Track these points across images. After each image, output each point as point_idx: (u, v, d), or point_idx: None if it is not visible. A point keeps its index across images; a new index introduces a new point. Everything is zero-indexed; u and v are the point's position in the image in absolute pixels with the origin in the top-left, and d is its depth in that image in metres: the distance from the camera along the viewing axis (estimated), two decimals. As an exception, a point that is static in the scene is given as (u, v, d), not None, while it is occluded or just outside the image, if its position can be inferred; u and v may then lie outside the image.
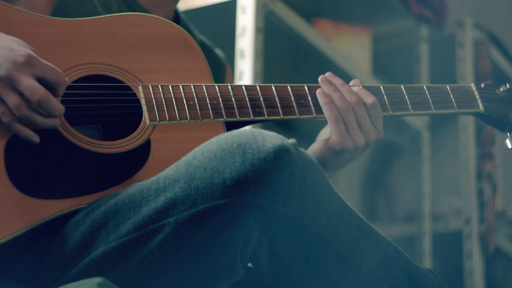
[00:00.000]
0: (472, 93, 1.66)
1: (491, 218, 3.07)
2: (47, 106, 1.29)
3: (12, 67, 1.28)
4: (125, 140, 1.39)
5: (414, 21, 3.15)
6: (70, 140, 1.35)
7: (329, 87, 1.52)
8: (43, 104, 1.29)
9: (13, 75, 1.28)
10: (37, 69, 1.30)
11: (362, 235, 1.34)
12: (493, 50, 3.30)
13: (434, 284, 1.43)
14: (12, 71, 1.28)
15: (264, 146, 1.21)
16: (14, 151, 1.31)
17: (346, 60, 2.72)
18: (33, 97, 1.28)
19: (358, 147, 1.51)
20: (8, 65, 1.28)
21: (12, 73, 1.28)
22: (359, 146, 1.51)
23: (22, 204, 1.28)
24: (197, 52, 1.51)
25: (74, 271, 1.28)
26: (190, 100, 1.44)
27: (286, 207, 1.23)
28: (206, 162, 1.22)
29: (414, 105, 1.59)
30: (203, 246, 1.24)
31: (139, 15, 1.51)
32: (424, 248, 3.02)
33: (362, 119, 1.52)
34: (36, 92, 1.28)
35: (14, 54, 1.29)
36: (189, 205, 1.22)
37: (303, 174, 1.23)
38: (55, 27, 1.42)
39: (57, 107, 1.31)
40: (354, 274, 1.34)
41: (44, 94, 1.29)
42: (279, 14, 2.41)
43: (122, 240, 1.26)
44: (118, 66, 1.43)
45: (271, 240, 1.26)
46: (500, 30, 3.48)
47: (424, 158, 3.10)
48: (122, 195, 1.29)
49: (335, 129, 1.50)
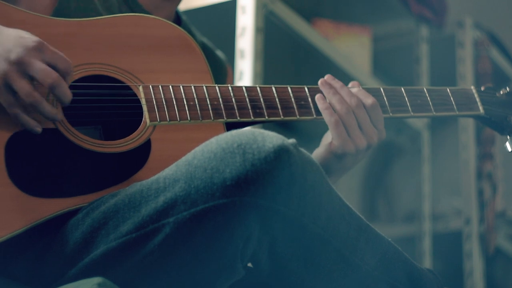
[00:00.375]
0: (472, 96, 1.66)
1: (491, 218, 3.07)
2: (59, 90, 1.30)
3: (23, 51, 1.28)
4: (126, 140, 1.39)
5: (414, 21, 3.15)
6: (70, 140, 1.35)
7: (329, 90, 1.52)
8: (56, 89, 1.29)
9: (24, 59, 1.28)
10: (47, 55, 1.30)
11: (362, 235, 1.34)
12: (493, 50, 3.30)
13: (434, 284, 1.43)
14: (23, 55, 1.28)
15: (264, 146, 1.21)
16: (14, 150, 1.31)
17: (346, 60, 2.72)
18: (46, 79, 1.28)
19: (360, 150, 1.51)
20: (19, 49, 1.28)
21: (23, 57, 1.28)
22: (360, 148, 1.51)
23: (22, 203, 1.29)
24: (198, 53, 1.51)
25: (74, 271, 1.29)
26: (191, 101, 1.44)
27: (286, 207, 1.23)
28: (206, 162, 1.22)
29: (414, 107, 1.59)
30: (203, 246, 1.24)
31: (139, 16, 1.51)
32: (424, 248, 3.02)
33: (363, 120, 1.51)
34: (49, 75, 1.29)
35: (25, 40, 1.29)
36: (189, 205, 1.22)
37: (303, 174, 1.24)
38: (56, 27, 1.42)
39: (67, 92, 1.31)
40: (354, 274, 1.34)
41: (58, 77, 1.29)
42: (279, 14, 2.41)
43: (122, 240, 1.26)
44: (119, 66, 1.43)
45: (271, 240, 1.26)
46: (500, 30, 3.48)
47: (424, 158, 3.10)
48: (122, 195, 1.30)
49: (336, 133, 1.50)
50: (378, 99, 1.55)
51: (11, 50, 1.28)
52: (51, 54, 1.30)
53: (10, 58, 1.28)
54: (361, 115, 1.51)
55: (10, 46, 1.28)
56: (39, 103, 1.29)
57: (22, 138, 1.31)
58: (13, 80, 1.28)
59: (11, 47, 1.28)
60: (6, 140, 1.31)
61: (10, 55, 1.28)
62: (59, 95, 1.30)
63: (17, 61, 1.28)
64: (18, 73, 1.28)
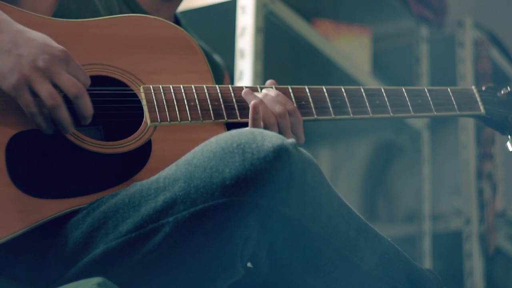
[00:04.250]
0: (473, 96, 1.66)
1: (491, 218, 3.07)
2: (83, 101, 1.31)
3: (52, 60, 1.29)
4: (126, 140, 1.39)
5: (414, 21, 3.15)
6: (71, 140, 1.35)
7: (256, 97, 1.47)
8: (80, 99, 1.31)
9: (53, 67, 1.29)
10: (71, 67, 1.31)
11: (361, 235, 1.34)
12: (493, 50, 3.30)
13: (434, 284, 1.43)
14: (51, 64, 1.29)
15: (263, 146, 1.21)
16: (15, 151, 1.31)
17: (346, 60, 2.72)
18: (72, 89, 1.30)
19: None
20: (47, 57, 1.29)
21: (51, 65, 1.29)
22: None
23: (23, 204, 1.29)
24: (198, 53, 1.51)
25: (74, 271, 1.29)
26: (191, 101, 1.44)
27: (285, 206, 1.23)
28: (205, 161, 1.22)
29: (415, 107, 1.59)
30: (202, 246, 1.24)
31: (140, 17, 1.51)
32: (424, 248, 3.02)
33: (284, 128, 1.47)
34: (76, 85, 1.30)
35: (52, 48, 1.31)
36: (189, 205, 1.22)
37: (302, 174, 1.24)
38: (57, 28, 1.42)
39: (90, 105, 1.32)
40: (353, 274, 1.34)
41: (83, 89, 1.31)
42: (279, 14, 2.41)
43: (122, 239, 1.26)
44: (119, 67, 1.43)
45: (270, 239, 1.26)
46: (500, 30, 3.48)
47: (424, 158, 3.10)
48: (122, 194, 1.30)
49: None
50: (379, 99, 1.55)
51: (38, 56, 1.29)
52: (74, 66, 1.32)
53: (37, 64, 1.29)
54: (283, 123, 1.47)
55: (37, 52, 1.29)
56: (60, 107, 1.29)
57: (23, 139, 1.32)
58: (37, 83, 1.28)
59: (39, 52, 1.29)
60: (7, 140, 1.31)
61: (37, 62, 1.29)
62: (82, 106, 1.31)
63: (45, 69, 1.29)
64: (43, 77, 1.29)
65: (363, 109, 1.55)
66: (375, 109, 1.56)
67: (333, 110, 1.53)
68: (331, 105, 1.53)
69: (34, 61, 1.29)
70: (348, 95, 1.55)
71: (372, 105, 1.56)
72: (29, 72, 1.28)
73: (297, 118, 1.49)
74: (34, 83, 1.28)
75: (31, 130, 1.33)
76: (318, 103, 1.52)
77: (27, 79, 1.28)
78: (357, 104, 1.55)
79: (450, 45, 3.21)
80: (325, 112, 1.52)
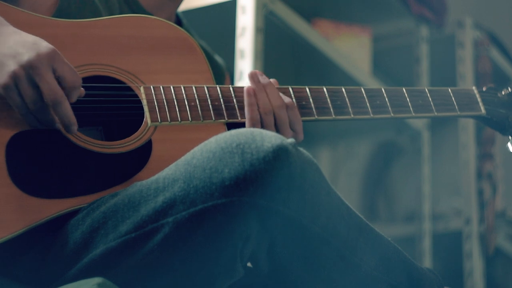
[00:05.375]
0: (473, 96, 1.66)
1: (491, 218, 3.07)
2: (61, 110, 1.29)
3: (35, 56, 1.28)
4: (127, 140, 1.39)
5: (414, 21, 3.15)
6: (71, 140, 1.35)
7: (257, 84, 1.48)
8: (57, 106, 1.29)
9: (35, 64, 1.27)
10: (58, 65, 1.29)
11: (361, 235, 1.34)
12: (493, 50, 3.30)
13: (434, 284, 1.43)
14: (35, 60, 1.27)
15: (263, 146, 1.21)
16: (15, 150, 1.31)
17: (346, 60, 2.72)
18: (49, 95, 1.28)
19: None
20: (31, 53, 1.28)
21: (34, 62, 1.27)
22: None
23: (23, 203, 1.29)
24: (199, 53, 1.51)
25: (74, 271, 1.29)
26: (192, 101, 1.44)
27: (285, 207, 1.23)
28: (205, 161, 1.22)
29: (415, 108, 1.59)
30: (202, 246, 1.24)
31: (140, 17, 1.51)
32: (424, 248, 3.02)
33: (281, 122, 1.47)
34: (54, 91, 1.28)
35: (39, 46, 1.29)
36: (188, 205, 1.22)
37: (302, 174, 1.24)
38: (57, 28, 1.42)
39: (69, 114, 1.30)
40: (353, 274, 1.34)
41: (61, 97, 1.29)
42: (279, 14, 2.41)
43: (121, 239, 1.26)
44: (120, 67, 1.44)
45: (270, 240, 1.26)
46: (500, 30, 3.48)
47: (424, 158, 3.10)
48: (122, 195, 1.30)
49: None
50: (379, 99, 1.55)
51: (23, 53, 1.28)
52: (61, 65, 1.30)
53: (21, 60, 1.28)
54: (281, 116, 1.47)
55: (24, 50, 1.28)
56: (43, 110, 1.29)
57: (23, 139, 1.32)
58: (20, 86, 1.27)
59: (24, 50, 1.28)
60: (7, 140, 1.31)
61: (22, 58, 1.28)
62: (60, 113, 1.29)
63: (27, 65, 1.27)
64: (26, 80, 1.27)
65: (364, 110, 1.55)
66: (376, 109, 1.56)
67: (334, 110, 1.53)
68: (332, 106, 1.53)
69: (19, 59, 1.27)
70: (348, 96, 1.55)
71: (372, 106, 1.56)
72: (14, 69, 1.27)
73: (296, 114, 1.49)
74: (19, 83, 1.27)
75: (31, 130, 1.33)
76: (319, 103, 1.52)
77: (14, 78, 1.27)
78: (357, 104, 1.55)
79: (450, 45, 3.21)
80: (325, 113, 1.53)
